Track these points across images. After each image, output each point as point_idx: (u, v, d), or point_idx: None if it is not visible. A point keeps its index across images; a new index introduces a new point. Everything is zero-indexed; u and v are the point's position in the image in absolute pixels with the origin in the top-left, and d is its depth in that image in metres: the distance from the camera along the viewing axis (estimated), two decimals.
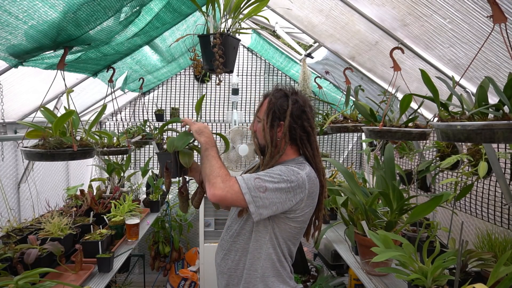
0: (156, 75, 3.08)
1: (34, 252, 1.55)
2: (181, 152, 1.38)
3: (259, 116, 1.36)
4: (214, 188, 1.18)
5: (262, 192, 1.17)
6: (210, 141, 1.32)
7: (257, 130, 1.37)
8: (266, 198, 1.17)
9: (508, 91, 0.88)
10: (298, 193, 1.22)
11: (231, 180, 1.19)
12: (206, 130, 1.35)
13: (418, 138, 1.40)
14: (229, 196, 1.17)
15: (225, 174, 1.21)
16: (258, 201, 1.17)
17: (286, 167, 1.24)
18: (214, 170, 1.22)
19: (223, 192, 1.17)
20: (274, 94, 1.34)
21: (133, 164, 3.65)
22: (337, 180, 2.89)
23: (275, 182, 1.19)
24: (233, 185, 1.18)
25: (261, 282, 1.30)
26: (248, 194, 1.16)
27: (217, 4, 1.53)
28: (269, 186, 1.18)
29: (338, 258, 3.06)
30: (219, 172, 1.21)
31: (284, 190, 1.19)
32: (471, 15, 1.21)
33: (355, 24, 1.85)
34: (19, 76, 1.76)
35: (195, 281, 3.27)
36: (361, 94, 2.46)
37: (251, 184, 1.17)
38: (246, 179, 1.19)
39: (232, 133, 3.19)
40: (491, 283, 1.22)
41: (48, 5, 1.07)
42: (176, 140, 1.36)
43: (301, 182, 1.22)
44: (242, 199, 1.17)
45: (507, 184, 1.68)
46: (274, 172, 1.22)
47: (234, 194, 1.17)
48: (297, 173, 1.23)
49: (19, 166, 2.24)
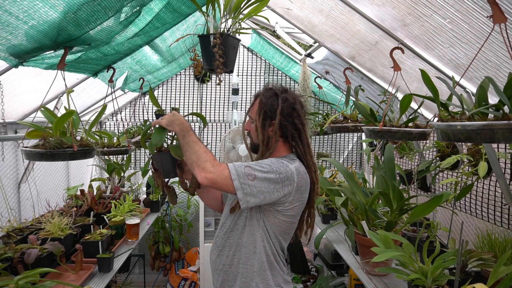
0: (156, 75, 3.08)
1: (34, 252, 1.55)
2: (171, 148, 1.38)
3: (251, 116, 1.39)
4: (205, 172, 1.19)
5: (251, 180, 1.19)
6: (184, 127, 1.30)
7: (250, 129, 1.40)
8: (254, 186, 1.19)
9: (508, 91, 0.88)
10: (287, 185, 1.24)
11: (221, 165, 1.21)
12: (175, 117, 1.33)
13: (418, 138, 1.40)
14: (219, 180, 1.19)
15: (213, 158, 1.23)
16: (246, 188, 1.19)
17: (276, 159, 1.27)
18: (201, 155, 1.23)
19: (213, 176, 1.18)
20: (264, 94, 1.36)
21: (133, 164, 3.65)
22: (337, 180, 2.89)
23: (265, 171, 1.21)
24: (223, 170, 1.19)
25: (258, 276, 1.31)
26: (237, 180, 1.18)
27: (217, 4, 1.53)
28: (258, 175, 1.20)
29: (338, 258, 3.07)
30: (206, 157, 1.22)
31: (273, 181, 1.21)
32: (471, 15, 1.21)
33: (355, 24, 1.85)
34: (19, 76, 1.77)
35: (195, 281, 3.27)
36: (361, 94, 2.46)
37: (240, 171, 1.19)
38: (237, 166, 1.21)
39: (232, 133, 3.19)
40: (491, 283, 1.22)
41: (48, 5, 1.07)
42: (153, 139, 1.36)
43: (289, 174, 1.24)
44: (231, 184, 1.19)
45: (507, 184, 1.68)
46: (264, 162, 1.25)
47: (224, 178, 1.19)
48: (286, 165, 1.25)
49: (19, 166, 2.24)
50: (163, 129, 1.36)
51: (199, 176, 1.20)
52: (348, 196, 1.93)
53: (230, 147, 3.23)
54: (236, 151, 3.18)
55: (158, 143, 1.35)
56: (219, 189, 1.22)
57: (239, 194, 1.19)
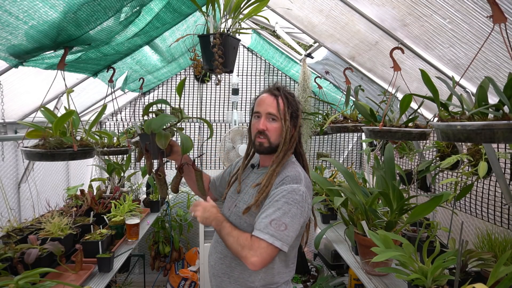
0: (156, 75, 3.08)
1: (34, 252, 1.55)
2: (158, 134, 1.38)
3: (274, 114, 1.33)
4: (249, 260, 1.18)
5: (283, 229, 1.18)
6: (218, 222, 1.31)
7: (270, 128, 1.34)
8: (290, 231, 1.20)
9: (508, 91, 0.88)
10: (306, 208, 1.26)
11: (254, 242, 1.19)
12: (208, 214, 1.34)
13: (418, 138, 1.40)
14: (266, 255, 1.18)
15: (247, 240, 1.21)
16: (286, 239, 1.19)
17: (287, 191, 1.24)
18: (238, 244, 1.22)
19: (259, 258, 1.17)
20: (288, 93, 1.38)
21: (133, 164, 3.65)
22: (337, 180, 2.89)
23: (287, 212, 1.21)
24: (260, 245, 1.18)
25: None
26: (276, 240, 1.18)
27: (217, 4, 1.53)
28: (287, 221, 1.19)
29: (338, 258, 3.07)
30: (242, 243, 1.21)
31: (298, 214, 1.23)
32: (471, 15, 1.21)
33: (355, 24, 1.85)
34: (19, 76, 1.76)
35: (195, 281, 3.27)
36: (361, 94, 2.46)
37: (272, 231, 1.18)
38: (263, 228, 1.19)
39: (232, 133, 3.19)
40: (491, 283, 1.22)
41: (48, 5, 1.07)
42: (153, 122, 1.37)
43: (304, 197, 1.25)
44: (275, 248, 1.18)
45: (507, 184, 1.69)
46: (279, 203, 1.22)
47: (267, 249, 1.17)
48: (298, 189, 1.24)
49: (19, 166, 2.24)
50: (168, 116, 1.41)
51: (249, 266, 1.19)
52: (348, 196, 1.93)
53: (230, 147, 3.23)
54: (236, 151, 3.18)
55: (156, 128, 1.37)
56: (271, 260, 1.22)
57: (285, 248, 1.19)
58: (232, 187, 1.50)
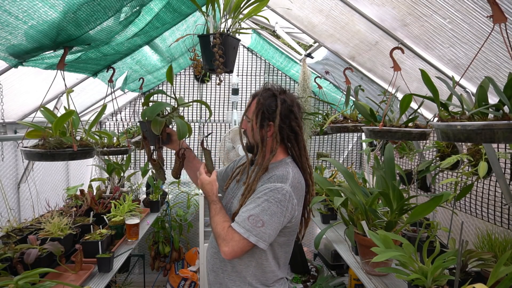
0: (156, 75, 3.08)
1: (34, 252, 1.55)
2: (153, 121, 1.44)
3: (248, 116, 1.38)
4: (222, 249, 1.23)
5: (260, 226, 1.20)
6: (209, 200, 1.38)
7: (246, 129, 1.40)
8: (267, 228, 1.20)
9: (508, 91, 0.88)
10: (289, 208, 1.25)
11: (229, 233, 1.23)
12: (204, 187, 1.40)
13: (418, 138, 1.40)
14: (237, 248, 1.21)
15: (223, 230, 1.25)
16: (263, 235, 1.20)
17: (269, 189, 1.25)
18: (217, 230, 1.27)
19: (230, 248, 1.21)
20: (262, 94, 1.35)
21: (133, 164, 3.65)
22: (337, 180, 2.89)
23: (266, 210, 1.21)
24: (233, 236, 1.21)
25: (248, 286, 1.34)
26: (251, 236, 1.19)
27: (217, 4, 1.53)
28: (265, 218, 1.20)
29: (338, 258, 3.07)
30: (219, 231, 1.26)
31: (278, 213, 1.22)
32: (471, 15, 1.21)
33: (355, 24, 1.85)
34: (19, 76, 1.76)
35: (195, 281, 3.27)
36: (361, 94, 2.46)
37: (248, 225, 1.20)
38: (241, 222, 1.22)
39: (232, 133, 3.19)
40: (491, 283, 1.22)
41: (48, 5, 1.07)
42: (148, 110, 1.45)
43: (288, 197, 1.24)
44: (248, 242, 1.20)
45: (507, 184, 1.68)
46: (260, 200, 1.24)
47: (239, 243, 1.20)
48: (281, 189, 1.24)
49: (19, 166, 2.24)
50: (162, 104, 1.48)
51: (222, 254, 1.24)
52: (348, 196, 1.93)
53: (230, 147, 3.23)
54: (236, 151, 3.18)
55: (150, 116, 1.44)
56: (245, 252, 1.25)
57: (261, 245, 1.20)
58: (232, 183, 1.52)
